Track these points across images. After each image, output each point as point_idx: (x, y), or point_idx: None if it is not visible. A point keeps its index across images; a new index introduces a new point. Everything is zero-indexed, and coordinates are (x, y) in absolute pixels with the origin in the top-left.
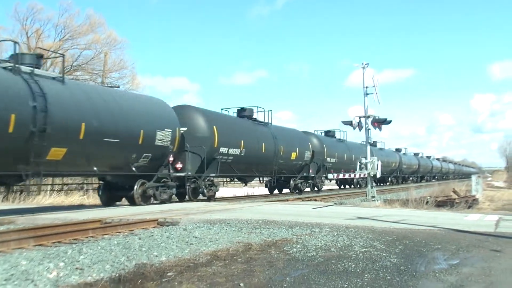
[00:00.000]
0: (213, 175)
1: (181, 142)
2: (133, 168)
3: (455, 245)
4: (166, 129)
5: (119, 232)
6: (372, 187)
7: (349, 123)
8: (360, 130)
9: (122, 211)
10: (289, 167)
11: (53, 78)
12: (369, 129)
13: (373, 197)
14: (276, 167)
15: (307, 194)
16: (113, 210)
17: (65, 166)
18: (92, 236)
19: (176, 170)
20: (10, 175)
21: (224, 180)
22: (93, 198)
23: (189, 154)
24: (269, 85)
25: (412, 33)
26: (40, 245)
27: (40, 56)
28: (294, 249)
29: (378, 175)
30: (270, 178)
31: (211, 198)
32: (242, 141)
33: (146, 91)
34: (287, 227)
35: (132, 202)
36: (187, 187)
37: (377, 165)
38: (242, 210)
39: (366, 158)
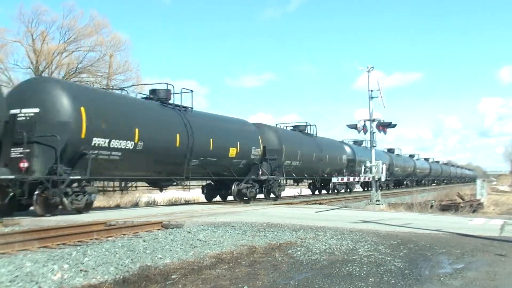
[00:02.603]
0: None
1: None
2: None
3: (460, 249)
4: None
5: (124, 235)
6: (376, 190)
7: (354, 127)
8: (365, 133)
9: (127, 213)
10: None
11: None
12: (374, 132)
13: (377, 200)
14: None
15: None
16: (118, 212)
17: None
18: (96, 238)
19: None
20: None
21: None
22: (98, 201)
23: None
24: (277, 88)
25: (422, 36)
26: (44, 247)
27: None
28: (299, 252)
29: (383, 179)
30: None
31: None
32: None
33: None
34: (292, 230)
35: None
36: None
37: (382, 168)
38: (246, 213)
39: (371, 161)
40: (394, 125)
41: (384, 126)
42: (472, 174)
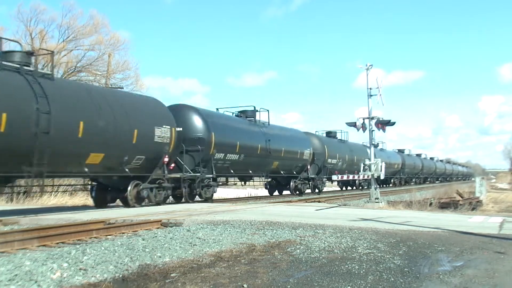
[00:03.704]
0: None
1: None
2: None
3: (459, 247)
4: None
5: (123, 233)
6: (376, 188)
7: (353, 125)
8: (364, 131)
9: (125, 212)
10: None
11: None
12: (373, 130)
13: (376, 198)
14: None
15: (307, 196)
16: (117, 211)
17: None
18: (95, 237)
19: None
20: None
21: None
22: None
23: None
24: (278, 87)
25: (423, 35)
26: (43, 245)
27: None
28: (298, 251)
29: (382, 177)
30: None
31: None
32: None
33: (151, 92)
34: (291, 228)
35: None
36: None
37: (381, 166)
38: (245, 211)
39: (370, 159)
40: (393, 123)
41: (383, 123)
42: (467, 171)
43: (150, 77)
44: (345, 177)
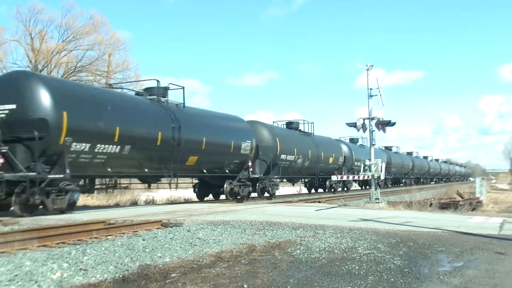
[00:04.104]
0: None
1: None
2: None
3: (459, 247)
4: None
5: (123, 233)
6: (376, 189)
7: (353, 125)
8: (364, 132)
9: (126, 212)
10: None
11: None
12: (373, 131)
13: (377, 199)
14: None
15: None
16: (117, 211)
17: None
18: (96, 237)
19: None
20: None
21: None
22: (97, 199)
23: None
24: (279, 87)
25: (424, 35)
26: (44, 245)
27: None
28: (298, 251)
29: (382, 177)
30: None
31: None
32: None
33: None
34: (291, 229)
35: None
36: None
37: (381, 167)
38: (245, 211)
39: (370, 160)
40: (394, 123)
41: (383, 124)
42: (465, 171)
43: (151, 77)
44: (344, 177)
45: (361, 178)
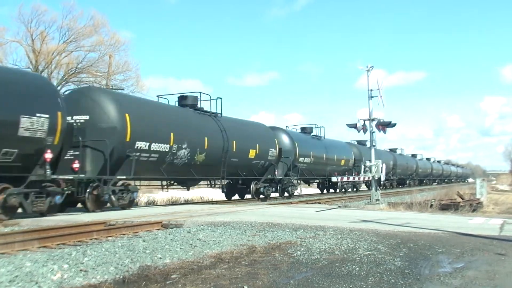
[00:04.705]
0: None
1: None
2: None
3: (460, 248)
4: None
5: (123, 234)
6: (376, 190)
7: (354, 126)
8: (364, 133)
9: (126, 213)
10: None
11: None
12: (373, 132)
13: (377, 200)
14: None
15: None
16: (117, 212)
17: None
18: (96, 238)
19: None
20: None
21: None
22: None
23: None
24: (280, 87)
25: (425, 36)
26: (44, 247)
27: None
28: (298, 252)
29: (383, 178)
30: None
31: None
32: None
33: (152, 92)
34: (291, 230)
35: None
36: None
37: (382, 168)
38: (246, 212)
39: (370, 161)
40: (394, 125)
41: (383, 125)
42: (462, 172)
43: (152, 77)
44: (345, 178)
45: (361, 179)
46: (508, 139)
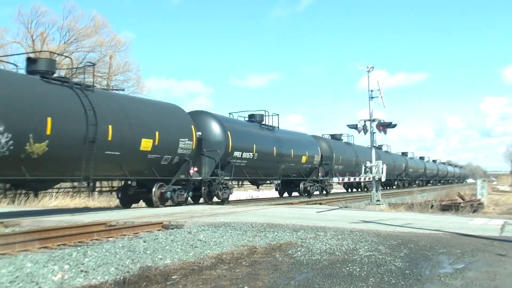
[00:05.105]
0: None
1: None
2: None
3: (460, 249)
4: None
5: (124, 235)
6: (377, 190)
7: (354, 127)
8: (365, 133)
9: (127, 214)
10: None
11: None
12: (374, 132)
13: (378, 200)
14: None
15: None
16: (118, 212)
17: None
18: (97, 239)
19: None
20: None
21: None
22: (98, 201)
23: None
24: (281, 88)
25: (427, 36)
26: (45, 247)
27: None
28: (299, 253)
29: (383, 179)
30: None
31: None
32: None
33: (152, 93)
34: (292, 231)
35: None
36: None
37: (382, 168)
38: (246, 213)
39: (371, 161)
40: (394, 125)
41: (384, 126)
42: (460, 172)
43: (154, 78)
44: (346, 179)
45: (362, 180)
46: (509, 140)
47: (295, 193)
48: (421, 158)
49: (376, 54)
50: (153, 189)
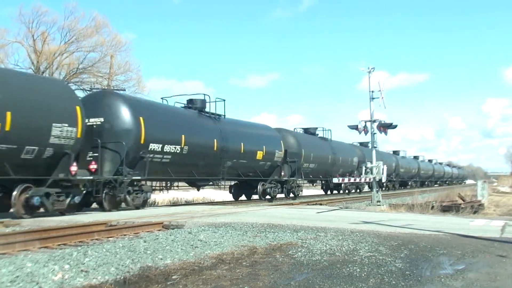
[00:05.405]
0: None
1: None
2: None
3: (461, 250)
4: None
5: (124, 235)
6: (377, 191)
7: (355, 127)
8: (365, 134)
9: (127, 214)
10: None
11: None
12: (374, 133)
13: (378, 201)
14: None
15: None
16: (118, 212)
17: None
18: (97, 239)
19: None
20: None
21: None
22: None
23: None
24: (282, 88)
25: (428, 37)
26: (45, 247)
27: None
28: (299, 253)
29: (384, 180)
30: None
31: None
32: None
33: (153, 94)
34: (292, 231)
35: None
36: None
37: (382, 169)
38: (247, 213)
39: (371, 162)
40: (395, 126)
41: (384, 126)
42: (459, 173)
43: (154, 78)
44: (346, 180)
45: (363, 180)
46: (510, 141)
47: (255, 196)
48: (415, 157)
49: (376, 54)
50: (14, 193)
